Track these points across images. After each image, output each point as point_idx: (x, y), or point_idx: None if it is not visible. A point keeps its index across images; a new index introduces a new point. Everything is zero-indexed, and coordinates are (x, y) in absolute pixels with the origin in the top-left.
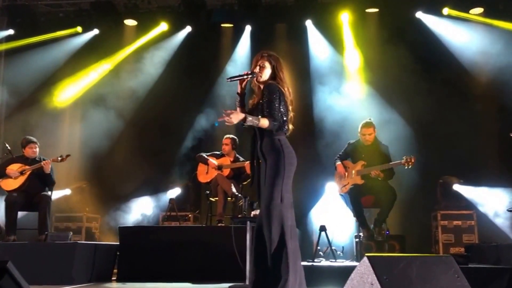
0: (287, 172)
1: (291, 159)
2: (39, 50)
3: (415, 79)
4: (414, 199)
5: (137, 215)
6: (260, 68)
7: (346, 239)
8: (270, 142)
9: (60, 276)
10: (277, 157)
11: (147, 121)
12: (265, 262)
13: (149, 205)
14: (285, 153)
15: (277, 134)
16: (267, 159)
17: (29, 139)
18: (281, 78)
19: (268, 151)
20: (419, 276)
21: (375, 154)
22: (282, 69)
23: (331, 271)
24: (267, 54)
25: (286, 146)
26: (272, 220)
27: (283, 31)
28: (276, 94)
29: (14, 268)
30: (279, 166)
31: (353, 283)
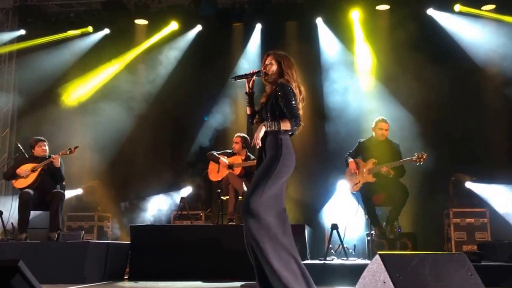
0: (277, 172)
1: (286, 161)
2: (50, 50)
3: (426, 76)
4: (426, 197)
5: (149, 214)
6: (266, 66)
7: (358, 237)
8: (272, 139)
9: (73, 275)
10: (273, 155)
11: (158, 120)
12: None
13: (160, 204)
14: (283, 153)
15: (280, 133)
16: (267, 154)
17: (37, 138)
18: (289, 75)
19: (269, 148)
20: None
21: (387, 152)
22: (291, 67)
23: (343, 269)
24: (273, 52)
25: (286, 147)
26: (248, 215)
27: (294, 29)
28: (292, 93)
29: (25, 267)
30: (272, 164)
31: (365, 281)
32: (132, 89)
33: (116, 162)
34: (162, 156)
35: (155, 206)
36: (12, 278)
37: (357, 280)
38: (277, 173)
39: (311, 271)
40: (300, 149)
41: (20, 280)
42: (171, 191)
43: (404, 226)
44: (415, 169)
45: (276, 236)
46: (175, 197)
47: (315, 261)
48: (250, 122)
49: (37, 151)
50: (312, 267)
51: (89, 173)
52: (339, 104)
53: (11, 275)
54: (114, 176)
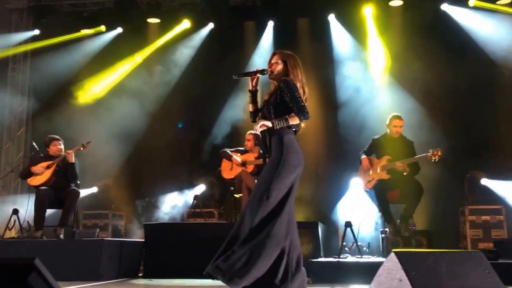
0: (283, 172)
1: (292, 161)
2: (64, 49)
3: (441, 72)
4: (441, 194)
5: (162, 212)
6: (272, 65)
7: (372, 235)
8: (277, 139)
9: (89, 273)
10: (278, 155)
11: (171, 118)
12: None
13: (174, 202)
14: (287, 153)
15: (284, 132)
16: (273, 154)
17: (52, 137)
18: (294, 75)
19: (274, 147)
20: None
21: (401, 149)
22: (297, 67)
23: (357, 267)
24: (280, 51)
25: (290, 146)
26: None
27: (306, 26)
28: (295, 88)
29: (41, 264)
30: (276, 163)
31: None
32: (145, 87)
33: (130, 160)
34: (176, 154)
35: (169, 204)
36: (28, 276)
37: (372, 278)
38: (282, 172)
39: (325, 269)
40: (313, 147)
41: (37, 278)
42: (185, 189)
43: (419, 224)
44: (430, 165)
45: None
46: (188, 195)
47: (329, 259)
48: (252, 120)
49: (52, 150)
50: (326, 265)
51: (103, 171)
52: (353, 101)
53: (28, 273)
54: (128, 175)
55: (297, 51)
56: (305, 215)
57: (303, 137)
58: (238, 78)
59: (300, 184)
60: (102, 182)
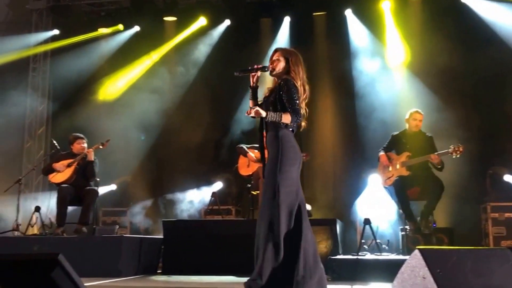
0: (283, 166)
1: (289, 154)
2: (83, 48)
3: (461, 65)
4: (462, 191)
5: (180, 209)
6: (274, 62)
7: (391, 232)
8: (272, 135)
9: (108, 269)
10: (275, 150)
11: (188, 115)
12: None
13: (191, 199)
14: (284, 147)
15: (280, 127)
16: (269, 152)
17: (76, 135)
18: (296, 72)
19: (269, 144)
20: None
21: (421, 145)
22: (298, 64)
23: (377, 265)
24: (282, 48)
25: (286, 141)
26: (263, 215)
27: (323, 21)
28: (294, 88)
29: (65, 260)
30: (275, 160)
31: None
32: (163, 85)
33: (148, 157)
34: (193, 151)
35: (187, 201)
36: (52, 271)
37: (392, 276)
38: (283, 167)
39: (344, 266)
40: (331, 143)
41: (60, 273)
42: (202, 186)
43: (440, 221)
44: (451, 161)
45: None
46: (206, 192)
47: (347, 256)
48: (251, 116)
49: (76, 148)
50: (345, 262)
51: (122, 169)
52: (371, 96)
53: (52, 268)
54: (146, 172)
55: (313, 47)
56: (323, 212)
57: (321, 133)
58: (240, 75)
59: (318, 181)
60: (120, 179)
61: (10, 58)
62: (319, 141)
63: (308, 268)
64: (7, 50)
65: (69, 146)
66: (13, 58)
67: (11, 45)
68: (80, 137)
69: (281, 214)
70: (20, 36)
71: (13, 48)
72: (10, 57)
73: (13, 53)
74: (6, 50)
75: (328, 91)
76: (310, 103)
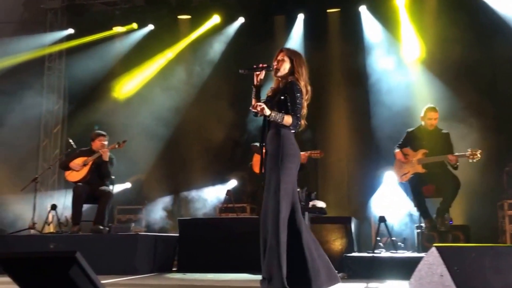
0: (284, 163)
1: (290, 151)
2: (97, 47)
3: (477, 60)
4: (478, 188)
5: (195, 207)
6: (278, 62)
7: (406, 230)
8: (273, 132)
9: (124, 267)
10: (276, 147)
11: (203, 113)
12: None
13: (206, 197)
14: (285, 144)
15: (281, 127)
16: (269, 149)
17: (99, 132)
18: (300, 73)
19: (269, 141)
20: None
21: (437, 142)
22: (302, 65)
23: (393, 262)
24: (287, 48)
25: (287, 138)
26: (270, 211)
27: (337, 18)
28: (300, 93)
29: (82, 258)
30: (276, 156)
31: (421, 274)
32: (177, 83)
33: (163, 155)
34: (208, 149)
35: (201, 199)
36: (69, 269)
37: (407, 274)
38: (284, 163)
39: (360, 264)
40: (345, 141)
41: (78, 271)
42: (217, 184)
43: (456, 218)
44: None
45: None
46: (221, 190)
47: (363, 254)
48: (253, 115)
49: (96, 145)
50: (361, 260)
51: (136, 166)
52: (385, 93)
53: (69, 266)
54: (161, 170)
55: (327, 43)
56: (338, 210)
57: (335, 131)
58: (245, 73)
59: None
60: (135, 177)
61: (25, 57)
62: (333, 138)
63: (316, 264)
64: (22, 50)
65: (90, 143)
66: (28, 57)
67: (26, 45)
68: (102, 135)
69: (281, 211)
70: (35, 36)
71: (28, 47)
72: (25, 57)
73: (28, 53)
74: (21, 50)
75: (342, 88)
76: (324, 101)
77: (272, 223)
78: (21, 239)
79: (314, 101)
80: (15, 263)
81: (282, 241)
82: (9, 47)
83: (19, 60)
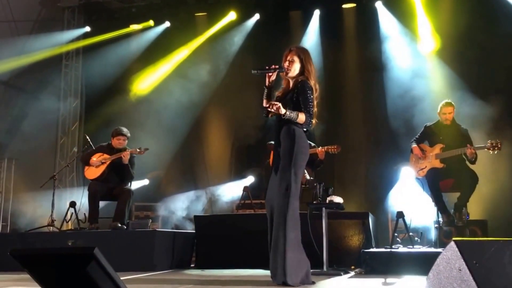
0: (298, 160)
1: (302, 149)
2: (114, 45)
3: (494, 54)
4: (495, 183)
5: (213, 203)
6: (289, 63)
7: (424, 225)
8: (286, 130)
9: (143, 263)
10: (290, 144)
11: (219, 110)
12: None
13: (223, 193)
14: (298, 142)
15: (296, 125)
16: (282, 146)
17: (119, 130)
18: (309, 71)
19: (283, 138)
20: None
21: (455, 137)
22: (310, 62)
23: (411, 258)
24: (296, 48)
25: (299, 137)
26: (278, 208)
27: (352, 14)
28: (311, 91)
29: (100, 254)
30: (290, 153)
31: (439, 268)
32: (195, 80)
33: (181, 152)
34: (225, 145)
35: (219, 195)
36: (88, 265)
37: (425, 269)
38: (298, 161)
39: (377, 260)
40: (362, 136)
41: (96, 267)
42: (235, 180)
43: (473, 213)
44: (484, 152)
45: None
46: (238, 187)
47: (380, 249)
48: (264, 115)
49: (115, 143)
50: (378, 255)
51: (154, 163)
52: (402, 88)
53: (87, 262)
54: (178, 166)
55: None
56: (355, 205)
57: (352, 126)
58: (258, 74)
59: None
60: (153, 173)
61: (43, 55)
62: (350, 134)
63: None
64: (40, 48)
65: (111, 138)
66: (46, 55)
67: (43, 43)
68: (121, 133)
69: (291, 209)
70: (52, 34)
71: (46, 45)
72: (43, 55)
73: (45, 51)
74: (39, 48)
75: (358, 83)
76: (340, 96)
77: (279, 220)
78: (39, 236)
79: (330, 97)
80: (33, 259)
81: (289, 238)
82: (27, 45)
83: (37, 58)
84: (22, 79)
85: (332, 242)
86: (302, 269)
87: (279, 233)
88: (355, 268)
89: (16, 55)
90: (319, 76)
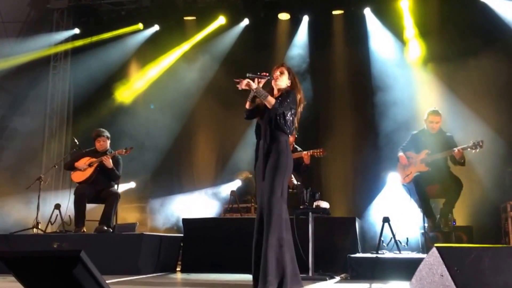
0: (288, 170)
1: (290, 159)
2: (103, 47)
3: (481, 64)
4: (481, 189)
5: (200, 207)
6: (280, 74)
7: (410, 231)
8: (277, 141)
9: (128, 266)
10: (282, 155)
11: (207, 114)
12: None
13: (210, 197)
14: (288, 153)
15: (281, 136)
16: (271, 156)
17: (99, 132)
18: (297, 82)
19: (274, 149)
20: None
21: (440, 144)
22: (296, 77)
23: (396, 263)
24: (285, 63)
25: (288, 147)
26: (273, 212)
27: (341, 20)
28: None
29: (87, 257)
30: (282, 163)
31: (422, 274)
32: (183, 84)
33: (168, 156)
34: (212, 149)
35: (205, 199)
36: (74, 268)
37: (410, 275)
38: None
39: (363, 265)
40: (349, 142)
41: (82, 270)
42: (221, 184)
43: (459, 219)
44: (470, 159)
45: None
46: (225, 190)
47: (366, 254)
48: (244, 116)
49: (97, 146)
50: (364, 260)
51: (141, 166)
52: (389, 94)
53: (73, 265)
54: (165, 169)
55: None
56: (342, 210)
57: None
58: (250, 78)
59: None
60: (140, 177)
61: (31, 57)
62: (337, 139)
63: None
64: (28, 49)
65: (93, 142)
66: (34, 57)
67: (32, 45)
68: (101, 135)
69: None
70: (41, 36)
71: (34, 47)
72: (31, 56)
73: (34, 52)
74: (27, 49)
75: (346, 89)
76: (328, 102)
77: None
78: (24, 238)
79: (318, 102)
80: (19, 262)
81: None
82: (15, 46)
83: (25, 59)
84: (10, 81)
85: (318, 247)
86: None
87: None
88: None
89: (4, 56)
90: (307, 80)
